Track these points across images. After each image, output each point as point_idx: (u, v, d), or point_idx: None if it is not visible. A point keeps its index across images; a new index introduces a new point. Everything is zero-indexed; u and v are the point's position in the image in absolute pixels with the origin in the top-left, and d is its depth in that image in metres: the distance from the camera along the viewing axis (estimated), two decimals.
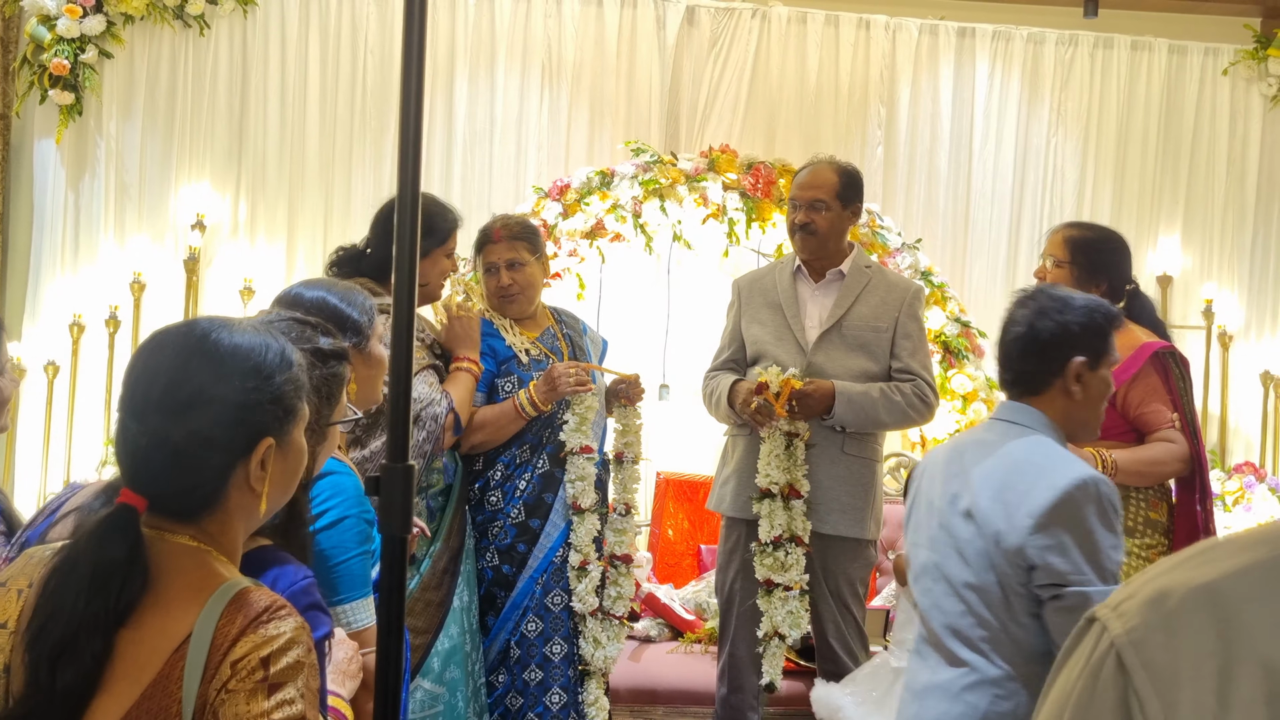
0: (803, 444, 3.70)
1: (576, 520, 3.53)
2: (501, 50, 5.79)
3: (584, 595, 3.52)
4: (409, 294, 1.51)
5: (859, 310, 3.88)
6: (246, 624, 1.42)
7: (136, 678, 1.41)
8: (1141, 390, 3.40)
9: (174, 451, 1.48)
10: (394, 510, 1.50)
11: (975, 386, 5.42)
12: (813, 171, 3.91)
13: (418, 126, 1.52)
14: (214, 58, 5.68)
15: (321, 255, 5.67)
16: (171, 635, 1.42)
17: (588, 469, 3.53)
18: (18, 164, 5.73)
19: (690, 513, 5.33)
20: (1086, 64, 5.98)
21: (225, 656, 1.40)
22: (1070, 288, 3.42)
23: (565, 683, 3.48)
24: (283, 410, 1.57)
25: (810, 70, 5.87)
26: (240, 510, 1.55)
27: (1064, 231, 3.58)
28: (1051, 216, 5.94)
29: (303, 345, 1.84)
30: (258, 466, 1.54)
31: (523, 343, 3.59)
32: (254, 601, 1.44)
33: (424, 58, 1.53)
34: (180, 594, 1.45)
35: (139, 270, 5.48)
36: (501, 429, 3.50)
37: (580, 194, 5.39)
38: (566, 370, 3.47)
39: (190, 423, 1.48)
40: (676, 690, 4.39)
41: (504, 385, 3.54)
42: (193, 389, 1.50)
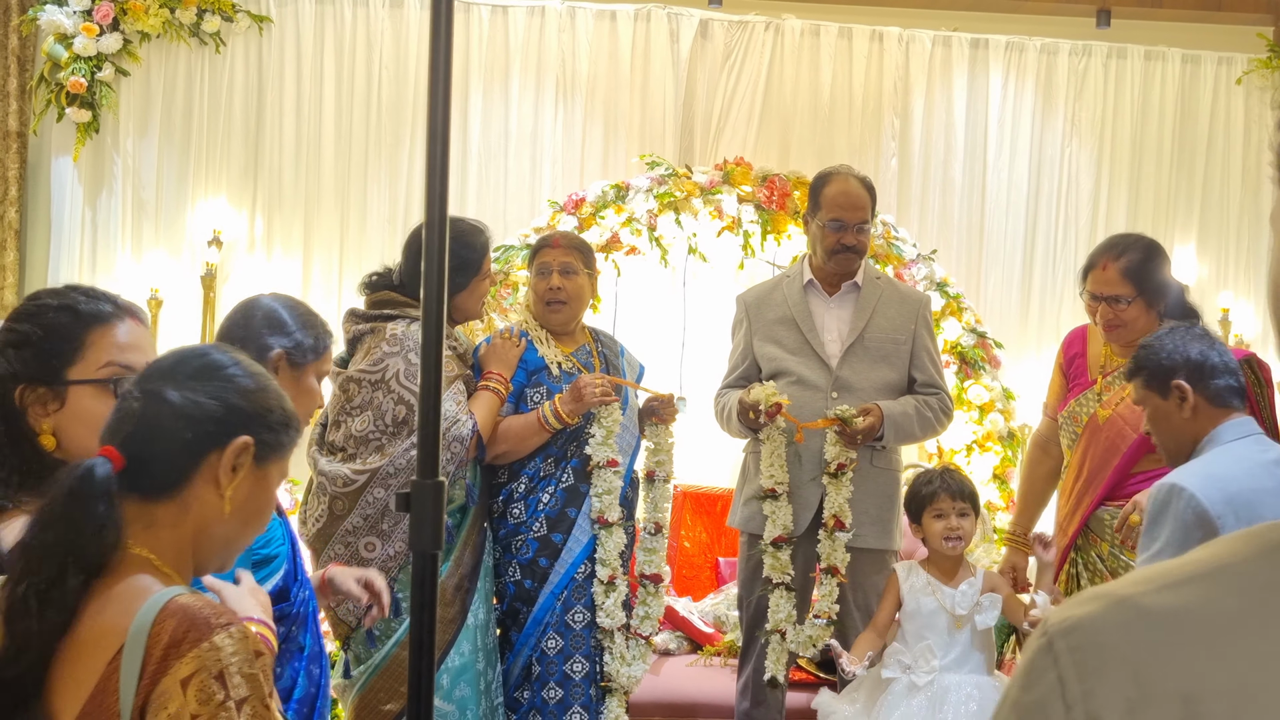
0: (851, 472, 3.70)
1: (604, 534, 3.49)
2: (516, 64, 5.81)
3: (612, 610, 3.48)
4: (437, 314, 1.52)
5: (878, 322, 3.89)
6: (181, 636, 1.39)
7: (82, 679, 1.40)
8: None
9: (159, 414, 1.53)
10: (425, 526, 1.50)
11: (991, 397, 5.41)
12: (852, 192, 3.86)
13: (444, 146, 1.53)
14: (230, 75, 5.71)
15: (338, 270, 5.71)
16: (104, 647, 1.41)
17: (614, 483, 3.50)
18: (35, 181, 5.76)
19: (708, 525, 5.33)
20: (1100, 74, 5.98)
21: (163, 671, 1.37)
22: (1144, 317, 3.40)
23: (586, 701, 3.44)
24: (269, 425, 1.60)
25: (824, 82, 5.88)
26: (198, 508, 1.55)
27: (1113, 265, 3.44)
28: (1067, 226, 5.94)
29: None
30: (229, 461, 1.55)
31: (556, 355, 3.57)
32: (188, 610, 1.42)
33: (450, 77, 1.54)
34: (113, 602, 1.44)
35: (156, 286, 5.50)
36: (525, 440, 3.47)
37: (595, 207, 5.40)
38: (592, 381, 3.44)
39: (183, 389, 1.55)
40: (696, 703, 4.38)
41: (532, 395, 3.52)
42: (200, 365, 1.59)
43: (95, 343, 1.87)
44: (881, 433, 3.74)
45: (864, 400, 3.78)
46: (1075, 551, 3.57)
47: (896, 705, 3.35)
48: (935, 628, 3.41)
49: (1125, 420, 3.43)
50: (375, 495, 3.22)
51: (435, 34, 1.50)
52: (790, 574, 3.70)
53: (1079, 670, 0.72)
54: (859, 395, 3.80)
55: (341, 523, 3.23)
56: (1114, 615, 0.74)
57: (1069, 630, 0.74)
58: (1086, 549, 3.53)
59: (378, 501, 3.22)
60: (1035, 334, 5.86)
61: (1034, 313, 5.93)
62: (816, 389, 3.83)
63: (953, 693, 3.36)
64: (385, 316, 3.37)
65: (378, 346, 3.30)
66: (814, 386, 3.83)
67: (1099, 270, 3.46)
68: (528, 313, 3.68)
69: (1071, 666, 0.73)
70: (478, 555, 3.39)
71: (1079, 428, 3.57)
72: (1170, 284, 3.48)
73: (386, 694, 3.23)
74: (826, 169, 4.03)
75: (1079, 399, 3.59)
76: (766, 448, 3.72)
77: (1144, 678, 0.70)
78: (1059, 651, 0.74)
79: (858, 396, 3.80)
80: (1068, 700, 0.72)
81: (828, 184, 3.90)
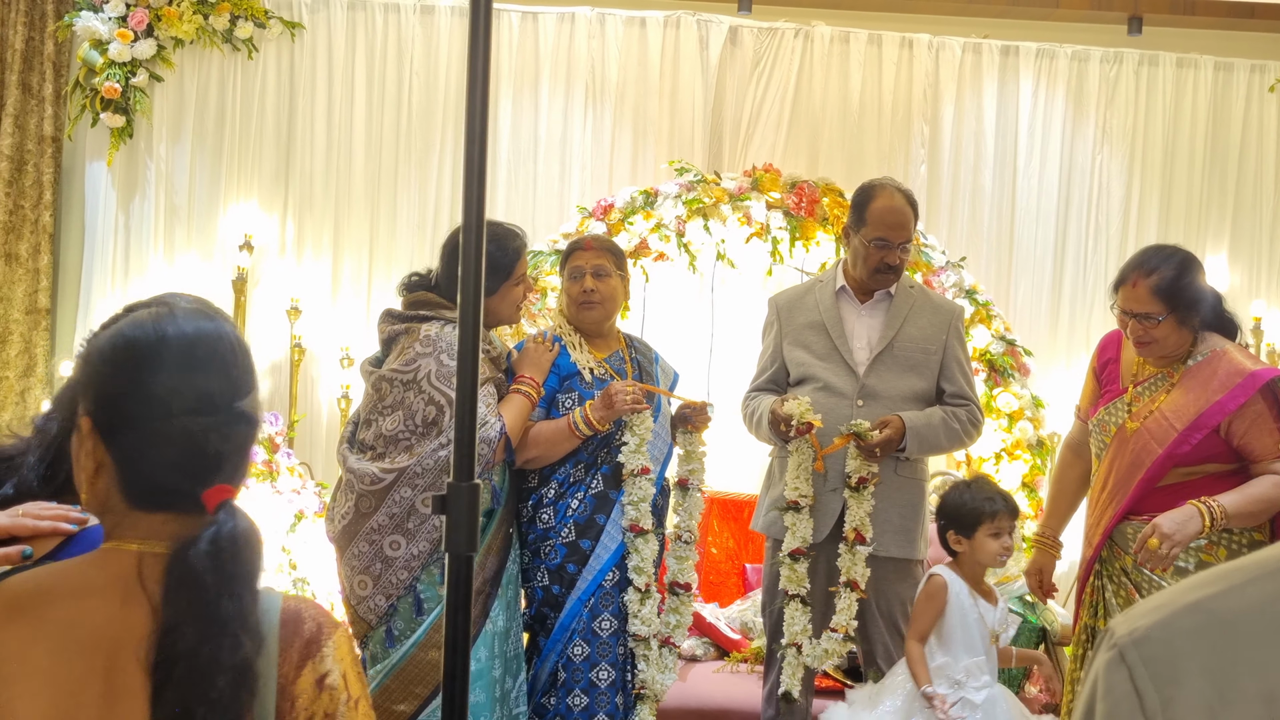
0: (873, 486, 3.68)
1: (641, 542, 3.47)
2: (545, 71, 5.83)
3: (648, 618, 3.46)
4: (474, 318, 1.53)
5: (908, 331, 3.87)
6: (309, 641, 1.42)
7: None
8: (1248, 418, 3.30)
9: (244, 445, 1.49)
10: (460, 528, 1.51)
11: (1021, 405, 5.39)
12: (899, 210, 3.81)
13: (483, 151, 1.54)
14: (262, 80, 5.76)
15: (367, 274, 5.74)
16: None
17: (647, 490, 3.48)
18: (69, 186, 5.82)
19: (735, 531, 5.32)
20: (1131, 81, 5.95)
21: (299, 673, 1.41)
22: (1176, 334, 3.37)
23: (612, 709, 3.41)
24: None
25: (853, 89, 5.87)
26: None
27: (1144, 282, 3.37)
28: (1097, 234, 5.91)
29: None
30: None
31: (588, 360, 3.56)
32: (305, 615, 1.45)
33: (488, 82, 1.55)
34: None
35: (187, 290, 5.53)
36: (555, 446, 3.46)
37: (624, 213, 5.41)
38: (624, 389, 3.41)
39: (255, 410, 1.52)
40: (722, 709, 4.38)
41: (564, 401, 3.52)
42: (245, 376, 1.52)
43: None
44: (904, 444, 3.72)
45: (889, 409, 3.76)
46: (1100, 564, 3.53)
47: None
48: (976, 645, 3.38)
49: (1152, 435, 3.39)
50: (402, 495, 3.22)
51: (474, 39, 1.51)
52: (806, 586, 3.68)
53: (1155, 680, 0.72)
54: (885, 404, 3.78)
55: (367, 521, 3.24)
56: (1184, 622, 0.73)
57: (1140, 641, 0.74)
58: (1111, 561, 3.49)
59: (404, 501, 3.22)
60: (1065, 342, 5.84)
61: (1064, 321, 5.90)
62: (842, 396, 3.81)
63: (999, 704, 3.35)
64: (420, 318, 3.37)
65: (411, 347, 3.31)
66: (840, 393, 3.81)
67: (1129, 287, 3.40)
68: (560, 317, 3.67)
69: (1148, 678, 0.72)
70: (501, 561, 3.38)
71: (1107, 437, 3.54)
72: (1204, 297, 3.41)
73: (400, 694, 3.23)
74: (871, 181, 3.96)
75: (1109, 407, 3.56)
76: (793, 459, 3.70)
77: (1223, 681, 0.70)
78: (1132, 663, 0.74)
79: (883, 405, 3.78)
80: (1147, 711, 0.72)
81: (874, 199, 3.83)
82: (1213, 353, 3.39)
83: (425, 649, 3.22)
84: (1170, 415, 3.36)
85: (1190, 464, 3.36)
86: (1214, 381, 3.33)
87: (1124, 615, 0.78)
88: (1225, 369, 3.35)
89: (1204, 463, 3.37)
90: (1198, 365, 3.39)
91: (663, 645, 3.54)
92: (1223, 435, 3.34)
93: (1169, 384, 3.43)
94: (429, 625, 3.22)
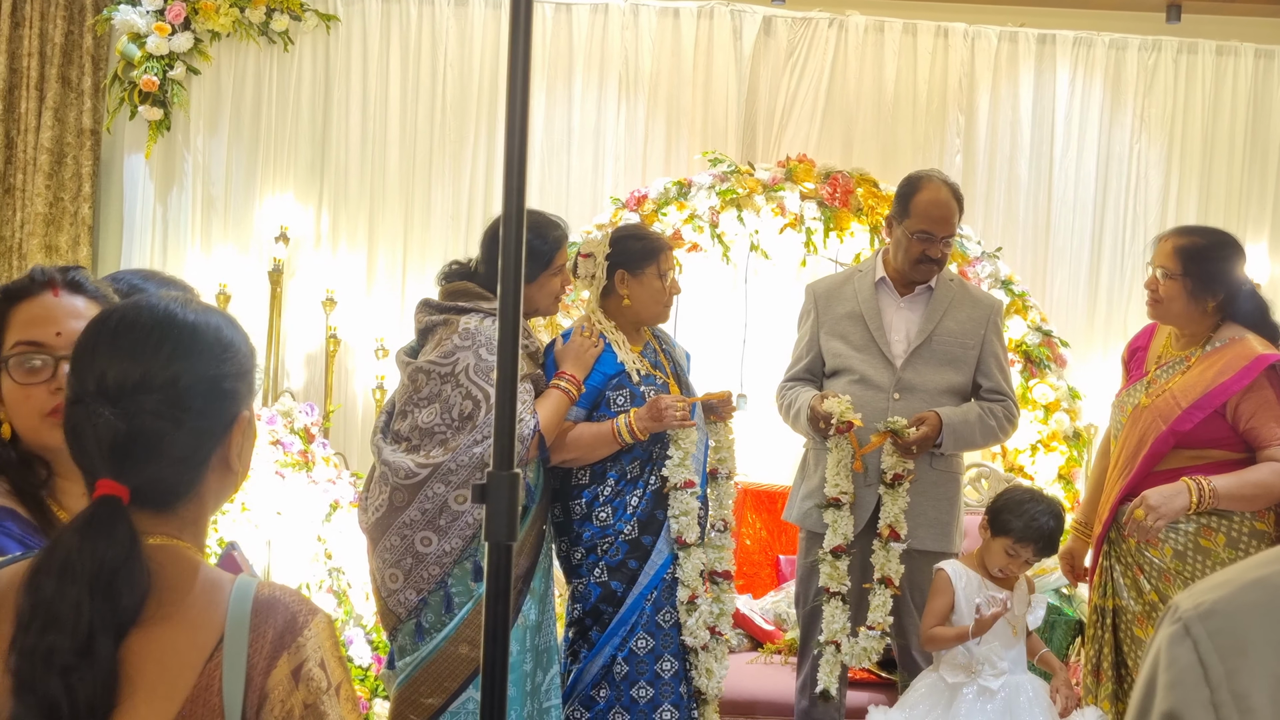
0: (909, 483, 3.67)
1: (683, 555, 3.46)
2: (579, 62, 5.83)
3: (695, 630, 3.46)
4: (514, 309, 1.53)
5: (947, 325, 3.84)
6: (283, 629, 1.38)
7: (168, 692, 1.34)
8: (1254, 403, 3.33)
9: (158, 436, 1.39)
10: (500, 517, 1.51)
11: (1057, 396, 5.35)
12: (944, 203, 3.78)
13: (523, 142, 1.54)
14: (298, 73, 5.79)
15: (401, 266, 5.77)
16: (197, 645, 1.36)
17: (691, 504, 3.47)
18: (108, 178, 5.87)
19: (768, 522, 5.32)
20: (1170, 70, 5.89)
21: (273, 664, 1.36)
22: (1183, 299, 3.39)
23: (676, 699, 3.42)
24: (247, 385, 1.50)
25: (888, 79, 5.84)
26: (214, 492, 1.48)
27: (1173, 240, 3.48)
28: (1135, 224, 5.86)
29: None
30: (237, 443, 1.47)
31: (633, 361, 3.55)
32: (280, 603, 1.40)
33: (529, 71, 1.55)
34: (182, 596, 1.39)
35: (224, 281, 5.59)
36: (594, 450, 3.43)
37: (658, 204, 5.41)
38: (673, 405, 3.40)
39: (173, 405, 1.39)
40: (756, 700, 4.38)
41: (615, 399, 3.48)
42: (173, 365, 1.40)
43: (12, 321, 1.81)
44: (940, 440, 3.71)
45: (926, 403, 3.74)
46: (1108, 544, 3.55)
47: (973, 711, 3.29)
48: (995, 630, 3.37)
49: (1158, 412, 3.42)
50: (435, 490, 3.21)
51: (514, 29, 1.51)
52: (847, 584, 3.67)
53: (1220, 653, 0.72)
54: (921, 397, 3.77)
55: (400, 515, 3.23)
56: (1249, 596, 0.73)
57: (1206, 615, 0.74)
58: (1118, 542, 3.51)
59: (437, 497, 3.21)
60: (1102, 333, 5.79)
61: (1100, 311, 5.86)
62: (879, 389, 3.79)
63: (1023, 693, 3.33)
64: (459, 309, 3.35)
65: (449, 339, 3.29)
66: (876, 386, 3.80)
67: (1162, 242, 3.52)
68: (599, 313, 3.59)
69: (1213, 650, 0.73)
70: (533, 556, 3.37)
71: (1124, 417, 3.58)
72: (1229, 281, 3.43)
73: (430, 687, 3.23)
74: (919, 172, 3.93)
75: (1130, 389, 3.61)
76: (832, 456, 3.68)
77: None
78: (1197, 636, 0.74)
79: (920, 399, 3.76)
80: (1211, 683, 0.72)
81: (920, 191, 3.80)
82: (1230, 339, 3.42)
83: (455, 643, 3.22)
84: (1178, 394, 3.40)
85: (1195, 446, 3.38)
86: (1222, 363, 3.37)
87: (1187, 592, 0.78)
88: (1236, 352, 3.38)
89: (1209, 447, 3.38)
90: (1214, 350, 3.42)
91: (711, 635, 3.54)
92: (1229, 419, 3.35)
93: (1185, 366, 3.46)
94: (460, 620, 3.22)
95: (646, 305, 3.56)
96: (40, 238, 5.68)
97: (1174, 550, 3.37)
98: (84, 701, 1.29)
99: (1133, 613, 3.44)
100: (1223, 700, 0.71)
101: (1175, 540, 3.38)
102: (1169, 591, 3.35)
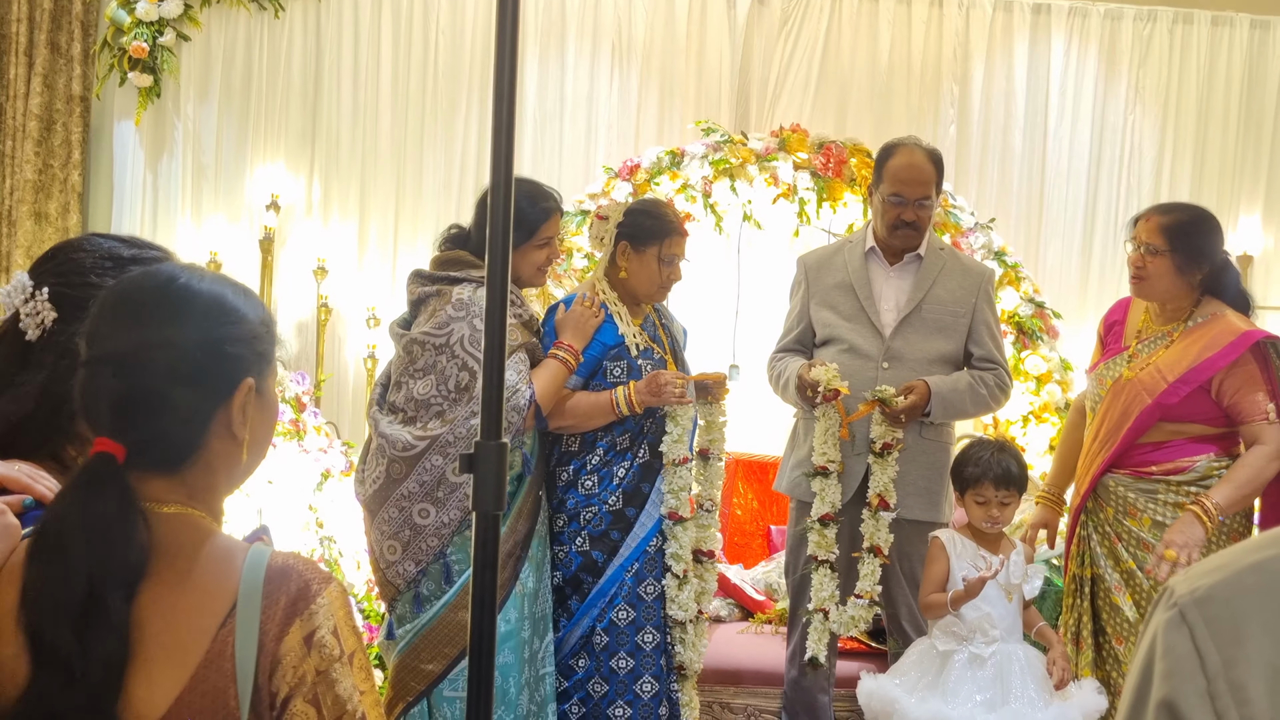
0: (898, 452, 3.67)
1: (677, 530, 3.48)
2: (571, 30, 5.79)
3: (685, 604, 3.48)
4: (501, 277, 1.52)
5: (937, 293, 3.84)
6: (295, 597, 1.40)
7: (181, 659, 1.36)
8: (1239, 379, 3.40)
9: (153, 393, 1.42)
10: (487, 487, 1.51)
11: (1049, 368, 5.35)
12: (916, 166, 3.78)
13: (510, 109, 1.53)
14: (288, 40, 5.75)
15: (393, 234, 5.75)
16: (210, 612, 1.38)
17: (686, 479, 3.49)
18: (98, 145, 5.83)
19: (760, 493, 5.33)
20: (1165, 40, 5.87)
21: (286, 630, 1.38)
22: (1170, 276, 3.42)
23: (657, 671, 3.44)
24: (257, 353, 1.50)
25: (882, 48, 5.81)
26: (223, 460, 1.49)
27: (1157, 219, 3.50)
28: (1129, 195, 5.85)
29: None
30: (240, 410, 1.47)
31: (633, 334, 3.54)
32: (293, 570, 1.42)
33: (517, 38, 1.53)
34: (197, 564, 1.41)
35: (215, 250, 5.56)
36: (591, 419, 3.44)
37: (650, 174, 5.38)
38: (673, 381, 3.40)
39: (170, 362, 1.42)
40: (746, 670, 4.40)
41: (613, 369, 3.47)
42: (171, 328, 1.44)
43: None
44: (929, 409, 3.71)
45: (915, 372, 3.75)
46: (1085, 514, 3.62)
47: (963, 679, 3.32)
48: (988, 597, 3.38)
49: (1143, 386, 3.47)
50: (433, 462, 3.21)
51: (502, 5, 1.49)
52: (835, 552, 3.68)
53: (1217, 640, 0.71)
54: (910, 367, 3.77)
55: (398, 487, 3.23)
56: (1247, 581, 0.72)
57: (1202, 600, 0.73)
58: (1095, 512, 3.59)
59: (435, 469, 3.21)
60: (1094, 304, 5.78)
61: (1093, 283, 5.86)
62: (868, 358, 3.80)
63: (1015, 662, 3.34)
64: (450, 279, 3.34)
65: (443, 310, 3.28)
66: (865, 355, 3.80)
67: (1144, 221, 3.53)
68: (603, 283, 3.58)
69: (1209, 637, 0.71)
70: (531, 523, 3.38)
71: (1104, 390, 3.61)
72: (1212, 257, 3.49)
73: (429, 653, 3.25)
74: (894, 140, 3.94)
75: (1109, 362, 3.64)
76: (820, 425, 3.69)
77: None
78: (1193, 623, 0.73)
79: (909, 368, 3.76)
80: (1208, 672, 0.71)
81: (892, 156, 3.83)
82: (1212, 315, 3.47)
83: (455, 610, 3.23)
84: (1164, 368, 3.45)
85: (1178, 420, 3.45)
86: (1207, 339, 3.42)
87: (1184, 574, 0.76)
88: (1220, 328, 3.43)
89: (1191, 421, 3.45)
90: (1197, 325, 3.47)
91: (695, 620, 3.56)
92: (1213, 395, 3.42)
93: (1168, 341, 3.50)
94: (459, 587, 3.23)
95: (641, 283, 3.55)
96: (30, 205, 5.64)
97: (1152, 520, 3.45)
98: (98, 656, 1.31)
99: (1110, 581, 3.49)
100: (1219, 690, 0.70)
101: (1154, 511, 3.46)
102: (1146, 560, 3.39)
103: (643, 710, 3.42)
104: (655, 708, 3.43)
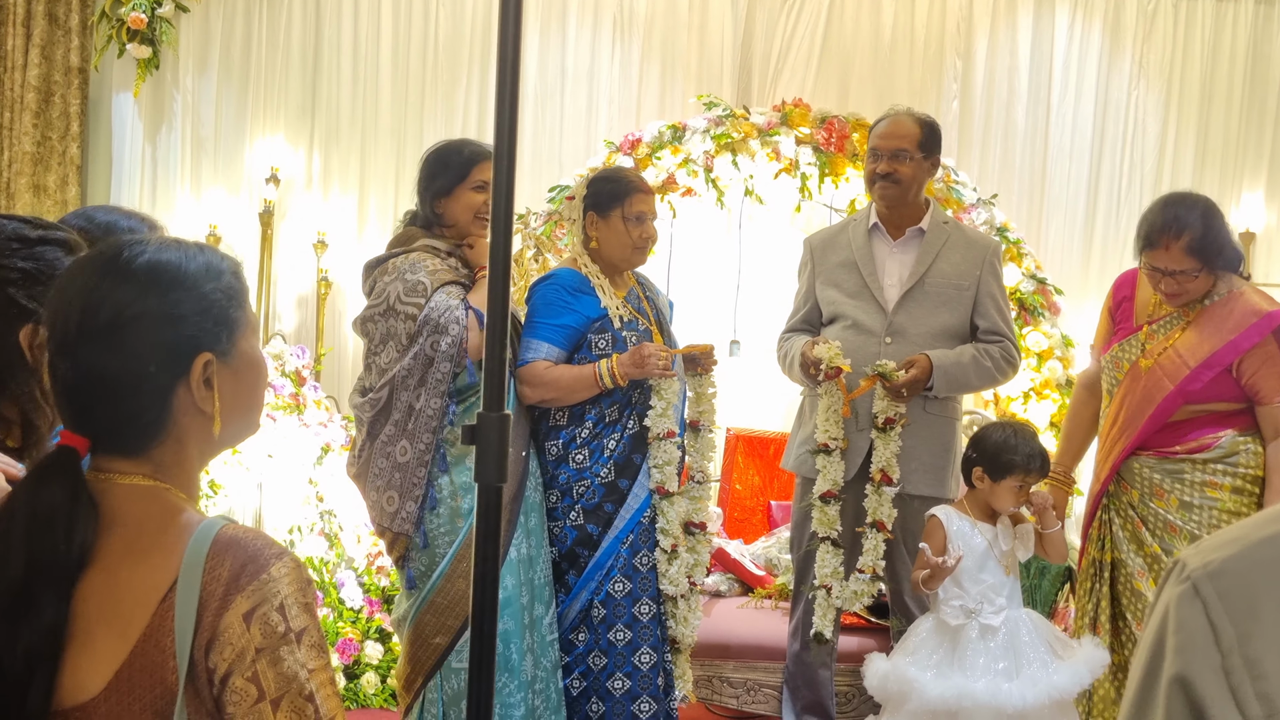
0: (901, 428, 3.66)
1: (665, 504, 3.47)
2: (573, 3, 5.76)
3: (676, 578, 3.47)
4: (505, 243, 1.51)
5: (940, 267, 3.83)
6: (239, 570, 1.34)
7: (122, 631, 1.33)
8: (1258, 359, 3.39)
9: (104, 380, 1.38)
10: (489, 458, 1.50)
11: (1050, 344, 5.34)
12: (894, 121, 3.83)
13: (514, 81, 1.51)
14: (288, 12, 5.71)
15: (393, 208, 5.73)
16: (154, 585, 1.34)
17: (673, 453, 3.47)
18: (96, 117, 5.81)
19: (761, 468, 5.33)
20: (1170, 16, 5.84)
21: (226, 606, 1.33)
22: (1205, 282, 3.41)
23: (654, 642, 3.44)
24: (214, 321, 1.43)
25: (885, 23, 5.78)
26: (193, 434, 1.44)
27: (1176, 244, 3.38)
28: (1132, 172, 5.83)
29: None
30: (200, 385, 1.42)
31: (616, 305, 3.53)
32: (240, 543, 1.36)
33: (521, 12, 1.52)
34: (154, 538, 1.37)
35: (214, 223, 5.54)
36: (573, 393, 3.42)
37: (651, 148, 5.36)
38: (657, 353, 3.38)
39: (115, 346, 1.37)
40: (747, 645, 4.40)
41: (597, 342, 3.45)
42: (111, 310, 1.37)
43: None
44: (931, 383, 3.70)
45: (918, 346, 3.73)
46: (1107, 498, 3.61)
47: (979, 651, 3.33)
48: (988, 567, 3.39)
49: (1165, 372, 3.46)
50: (400, 400, 3.27)
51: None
52: (838, 529, 3.67)
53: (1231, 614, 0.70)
54: (913, 341, 3.75)
55: (378, 438, 3.30)
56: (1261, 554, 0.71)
57: (1215, 574, 0.72)
58: (1118, 495, 3.59)
59: (401, 405, 3.26)
60: (1097, 280, 5.77)
61: (1095, 259, 5.84)
62: (870, 334, 3.79)
63: (1022, 626, 3.36)
64: (390, 256, 3.40)
65: (379, 280, 3.35)
66: (868, 331, 3.79)
67: (1161, 250, 3.41)
68: (585, 255, 3.56)
69: (1223, 612, 0.71)
70: (517, 488, 3.38)
71: (1120, 374, 3.59)
72: (1227, 241, 3.47)
73: (434, 628, 3.27)
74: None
75: (1122, 344, 3.61)
76: (823, 402, 3.68)
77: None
78: (1206, 597, 0.72)
79: (912, 342, 3.75)
80: (1222, 646, 0.70)
81: (878, 123, 3.89)
82: (1230, 293, 3.46)
83: (451, 579, 3.25)
84: (1184, 353, 3.43)
85: (1200, 401, 3.45)
86: (1229, 321, 3.40)
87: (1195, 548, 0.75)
88: (1241, 309, 3.41)
89: (1213, 401, 3.44)
90: (1214, 305, 3.46)
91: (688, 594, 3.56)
92: (1233, 374, 3.42)
93: (1184, 322, 3.49)
94: (451, 557, 3.25)
95: (614, 249, 3.52)
96: (28, 177, 5.62)
97: (1180, 501, 3.44)
98: (21, 650, 1.30)
99: (1132, 566, 3.49)
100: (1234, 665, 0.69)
101: (1181, 491, 3.45)
102: (1174, 544, 3.39)
103: (641, 681, 3.42)
104: (654, 678, 3.44)
